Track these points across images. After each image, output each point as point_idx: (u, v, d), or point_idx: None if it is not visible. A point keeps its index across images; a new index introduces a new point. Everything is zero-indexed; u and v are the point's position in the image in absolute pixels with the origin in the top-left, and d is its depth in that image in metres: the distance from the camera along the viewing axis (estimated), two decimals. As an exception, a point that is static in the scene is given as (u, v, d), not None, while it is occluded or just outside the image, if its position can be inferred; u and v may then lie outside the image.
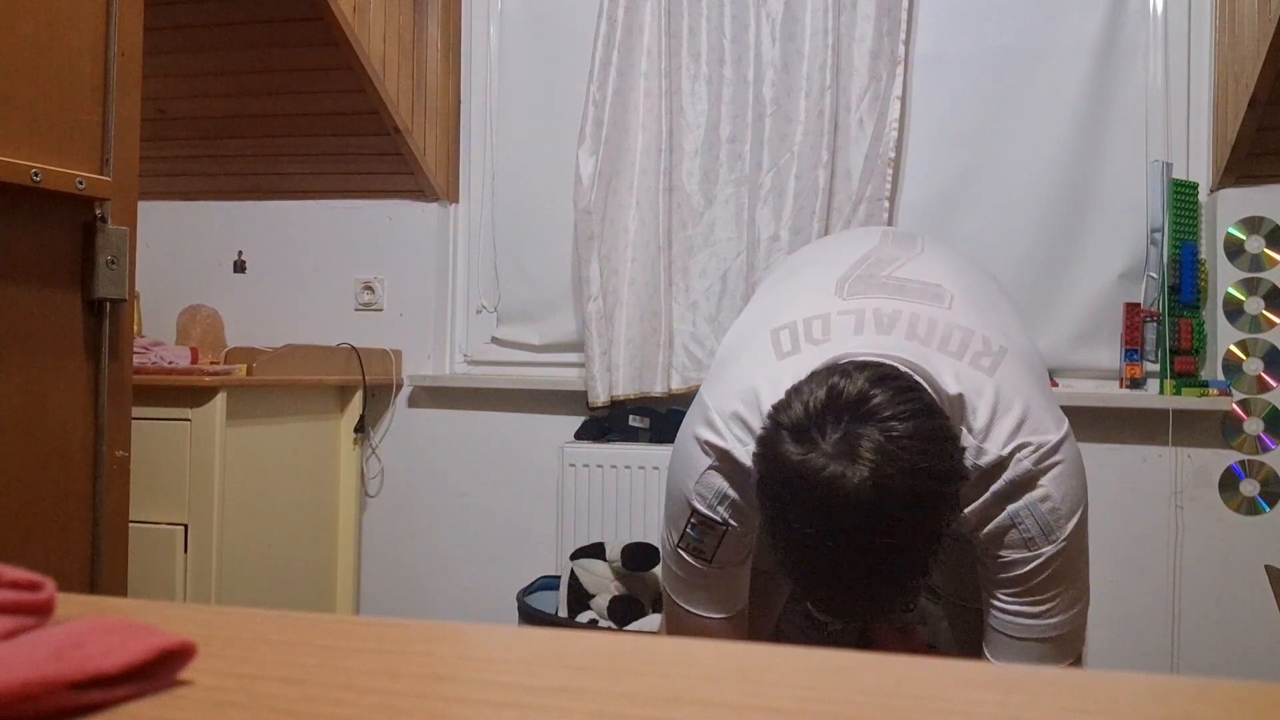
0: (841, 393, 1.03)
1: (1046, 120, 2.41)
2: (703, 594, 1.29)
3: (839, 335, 1.18)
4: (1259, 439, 2.27)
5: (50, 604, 0.41)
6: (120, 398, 1.38)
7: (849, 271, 1.31)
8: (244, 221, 2.89)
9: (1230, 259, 2.28)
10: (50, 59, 1.26)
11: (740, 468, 1.17)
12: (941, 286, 1.26)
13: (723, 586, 1.29)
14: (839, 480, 1.00)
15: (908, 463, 1.00)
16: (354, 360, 2.64)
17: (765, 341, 1.23)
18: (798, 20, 2.45)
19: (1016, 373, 1.17)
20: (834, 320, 1.21)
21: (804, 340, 1.20)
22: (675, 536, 1.25)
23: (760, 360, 1.21)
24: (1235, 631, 2.27)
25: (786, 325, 1.23)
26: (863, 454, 1.00)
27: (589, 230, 2.50)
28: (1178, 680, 0.38)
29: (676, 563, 1.27)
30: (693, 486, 1.21)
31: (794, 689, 0.37)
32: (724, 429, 1.18)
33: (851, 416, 1.02)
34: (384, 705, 0.35)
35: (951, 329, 1.18)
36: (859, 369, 1.06)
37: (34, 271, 1.27)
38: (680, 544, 1.24)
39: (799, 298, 1.30)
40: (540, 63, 2.75)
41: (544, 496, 2.64)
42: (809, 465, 1.01)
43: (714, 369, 1.33)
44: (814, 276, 1.36)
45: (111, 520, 1.37)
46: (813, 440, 1.02)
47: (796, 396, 1.06)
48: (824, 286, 1.29)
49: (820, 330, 1.20)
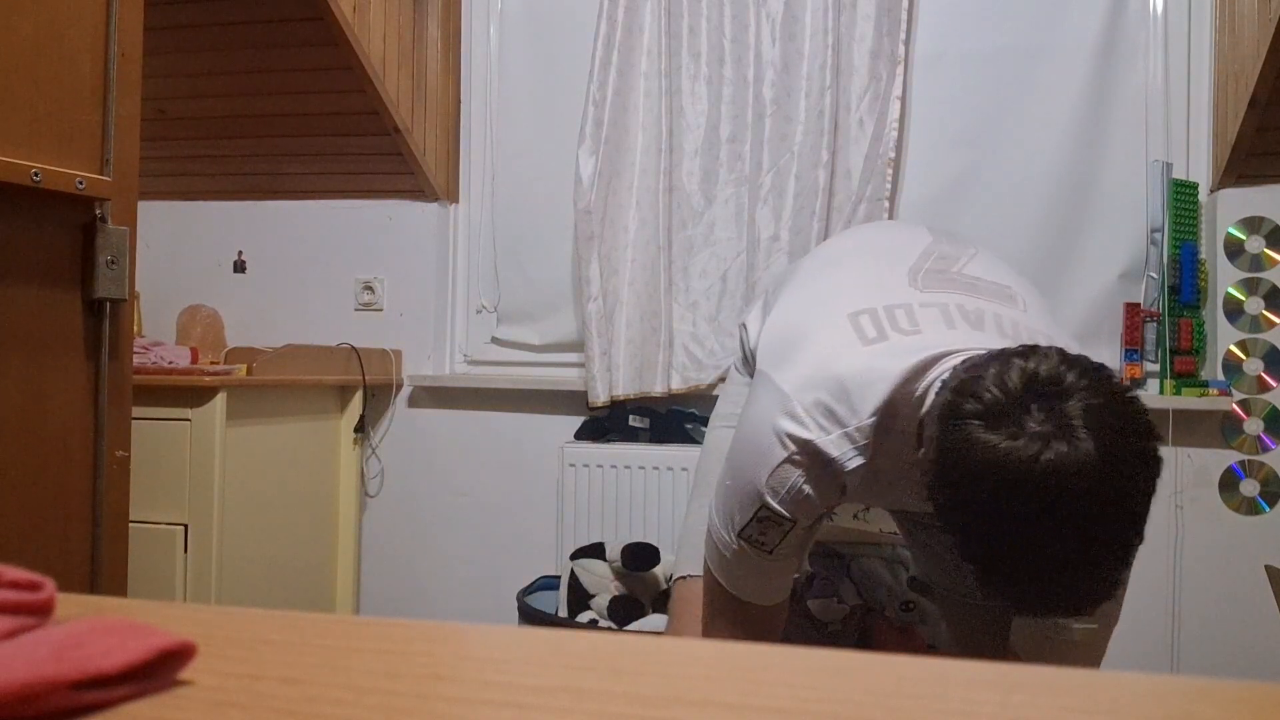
0: (1036, 373, 0.97)
1: (1046, 120, 2.41)
2: (753, 581, 1.25)
3: (930, 328, 1.15)
4: (1259, 439, 2.26)
5: (50, 604, 0.41)
6: (120, 398, 1.38)
7: (918, 263, 1.28)
8: (244, 221, 2.89)
9: (1230, 259, 2.28)
10: (50, 59, 1.26)
11: (822, 457, 1.13)
12: (1011, 288, 1.26)
13: (774, 576, 1.25)
14: (1065, 459, 0.93)
15: (1125, 426, 0.96)
16: (354, 360, 2.64)
17: (844, 326, 1.18)
18: (798, 20, 2.45)
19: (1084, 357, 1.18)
20: (918, 312, 1.17)
21: (890, 329, 1.16)
22: (738, 526, 1.20)
23: (841, 345, 1.16)
24: (1235, 631, 2.27)
25: (865, 310, 1.18)
26: (1078, 428, 0.94)
27: (589, 230, 2.50)
28: (1178, 680, 0.38)
29: (734, 551, 1.22)
30: (765, 479, 1.16)
31: (794, 689, 0.37)
32: (806, 418, 1.13)
33: (1050, 395, 0.96)
34: (384, 705, 0.35)
35: (1035, 334, 1.16)
36: (1034, 351, 1.01)
37: (34, 271, 1.27)
38: (743, 534, 1.20)
39: (868, 283, 1.25)
40: (540, 63, 2.75)
41: (544, 496, 2.64)
42: (1026, 452, 0.94)
43: (777, 349, 1.26)
44: (878, 264, 1.32)
45: (111, 520, 1.37)
46: (1019, 424, 0.95)
47: (980, 383, 0.99)
48: (895, 275, 1.26)
49: (906, 320, 1.16)
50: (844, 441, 1.12)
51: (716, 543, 1.25)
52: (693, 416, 2.53)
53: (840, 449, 1.12)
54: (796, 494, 1.15)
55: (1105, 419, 0.95)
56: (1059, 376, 0.97)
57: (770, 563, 1.21)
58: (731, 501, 1.22)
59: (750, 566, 1.23)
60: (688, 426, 2.51)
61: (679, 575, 1.47)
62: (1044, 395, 0.96)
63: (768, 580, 1.25)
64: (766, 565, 1.22)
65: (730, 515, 1.22)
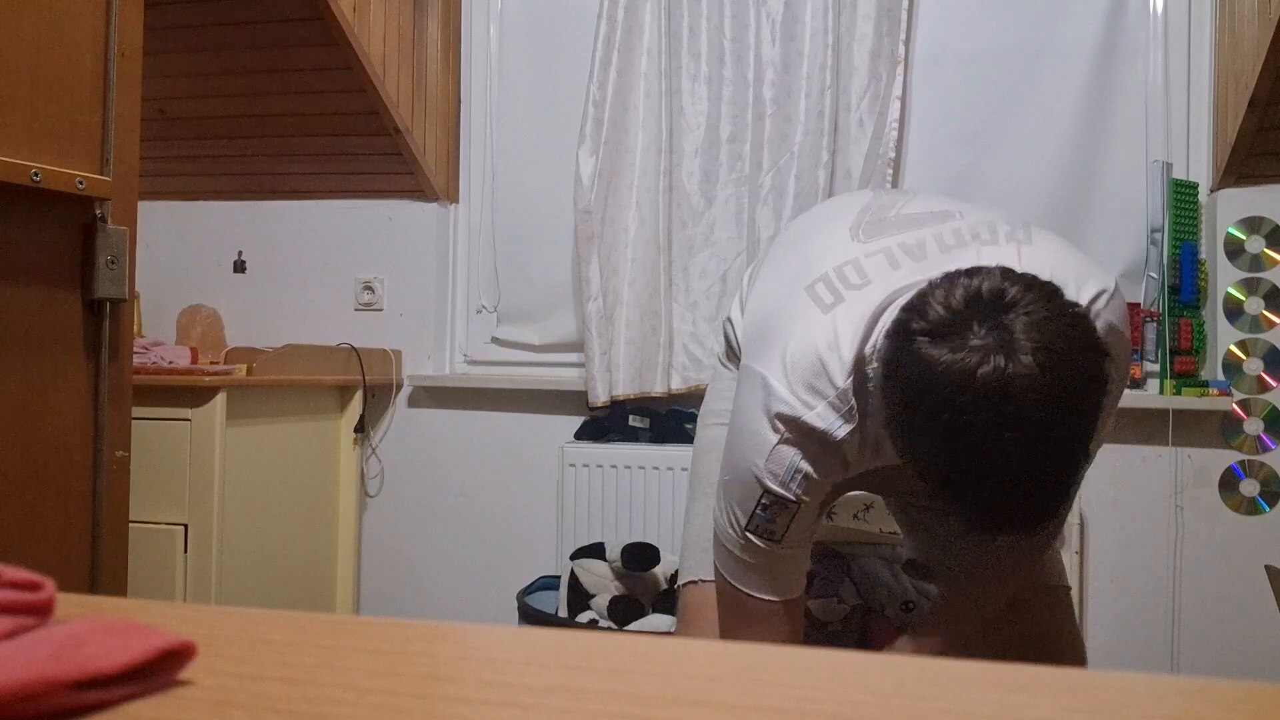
0: (979, 290, 0.99)
1: (1046, 120, 2.41)
2: (767, 577, 1.24)
3: (877, 275, 1.17)
4: (1259, 439, 2.27)
5: (50, 604, 0.41)
6: (120, 398, 1.38)
7: (857, 219, 1.30)
8: (244, 221, 2.89)
9: (1230, 259, 2.28)
10: (50, 59, 1.26)
11: (813, 432, 1.14)
12: (948, 209, 1.29)
13: (786, 567, 1.25)
14: (1004, 372, 0.94)
15: (1067, 339, 0.97)
16: (354, 360, 2.64)
17: (804, 300, 1.19)
18: (798, 20, 2.45)
19: (1049, 236, 1.21)
20: (864, 263, 1.19)
21: (843, 288, 1.17)
22: (743, 519, 1.20)
23: (806, 319, 1.17)
24: (1235, 631, 2.27)
25: (819, 278, 1.20)
26: (1020, 341, 0.95)
27: (589, 230, 2.50)
28: (1178, 680, 0.38)
29: (743, 547, 1.22)
30: (763, 465, 1.16)
31: (794, 689, 0.37)
32: (789, 395, 1.14)
33: (994, 309, 0.97)
34: (384, 705, 0.35)
35: (976, 226, 1.21)
36: (979, 270, 1.02)
37: (34, 271, 1.27)
38: (749, 526, 1.20)
39: (817, 254, 1.26)
40: (540, 63, 2.75)
41: (544, 496, 2.64)
42: (966, 364, 0.95)
43: (752, 339, 1.27)
44: (822, 235, 1.33)
45: (111, 520, 1.37)
46: (962, 339, 0.97)
47: (928, 299, 1.01)
48: (838, 238, 1.27)
49: (855, 275, 1.18)
50: (829, 412, 1.13)
51: (724, 543, 1.25)
52: (693, 416, 2.52)
53: (827, 420, 1.13)
54: (796, 473, 1.16)
55: (1047, 332, 0.96)
56: (1001, 291, 0.98)
57: (782, 551, 1.21)
58: (733, 496, 1.22)
59: (762, 560, 1.23)
60: (688, 426, 2.51)
61: (687, 580, 1.45)
62: (987, 310, 0.97)
63: (781, 573, 1.25)
64: (778, 556, 1.22)
65: (733, 511, 1.22)
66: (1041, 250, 1.16)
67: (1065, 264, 1.14)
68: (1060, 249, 1.19)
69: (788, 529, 1.19)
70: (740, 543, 1.22)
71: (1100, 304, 1.13)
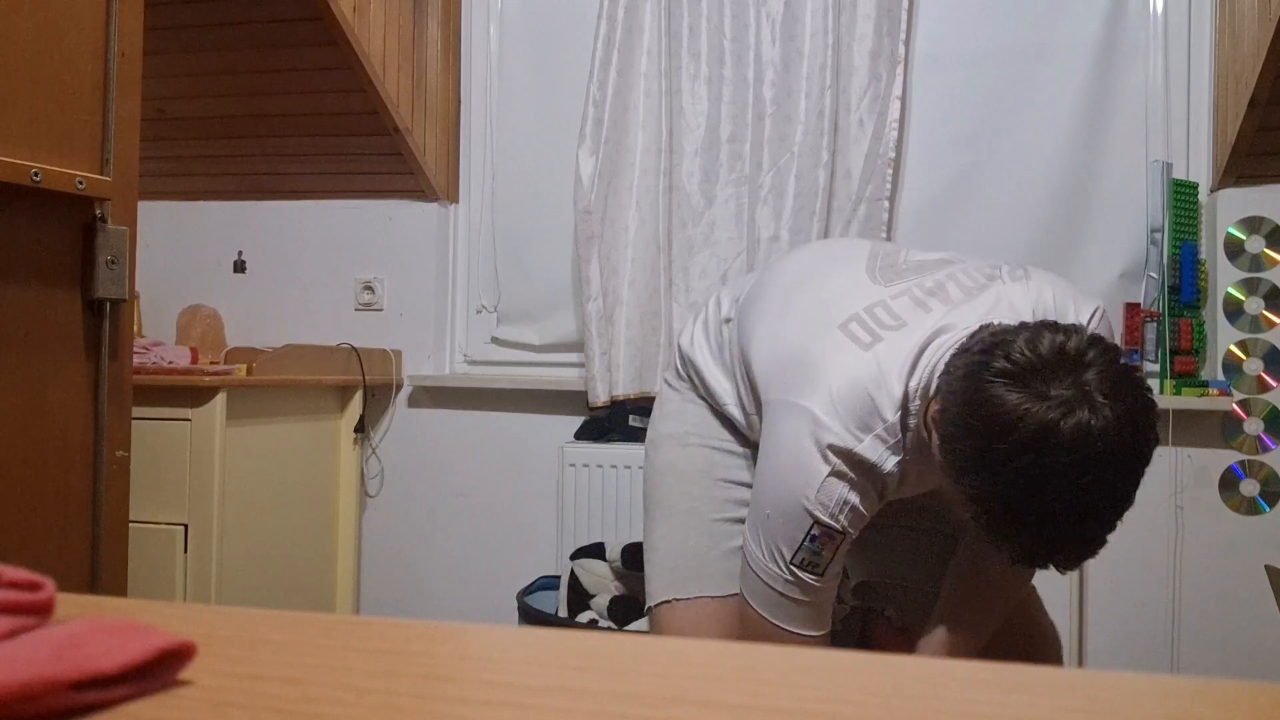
0: (1063, 346, 1.05)
1: (1046, 120, 2.41)
2: (809, 610, 1.26)
3: (909, 316, 1.23)
4: (1259, 439, 2.27)
5: (50, 604, 0.41)
6: (120, 398, 1.38)
7: (870, 263, 1.36)
8: (244, 221, 2.89)
9: (1230, 259, 2.28)
10: (50, 59, 1.26)
11: (864, 464, 1.18)
12: (947, 257, 1.37)
13: (825, 601, 1.28)
14: (1088, 425, 1.01)
15: (1137, 398, 1.05)
16: (354, 360, 2.64)
17: (839, 338, 1.23)
18: (798, 20, 2.45)
19: (1044, 272, 1.31)
20: (891, 304, 1.25)
21: (878, 328, 1.23)
22: (789, 554, 1.22)
23: (847, 356, 1.21)
24: (1235, 631, 2.27)
25: (852, 318, 1.24)
26: (1097, 397, 1.02)
27: (589, 230, 2.50)
28: (1178, 680, 0.38)
29: (788, 583, 1.24)
30: (814, 496, 1.19)
31: (794, 689, 0.37)
32: (841, 430, 1.17)
33: (1076, 365, 1.04)
34: (384, 705, 0.35)
35: (982, 268, 1.31)
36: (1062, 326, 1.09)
37: (34, 271, 1.27)
38: (794, 560, 1.22)
39: (840, 295, 1.30)
40: (540, 63, 2.75)
41: (544, 496, 2.64)
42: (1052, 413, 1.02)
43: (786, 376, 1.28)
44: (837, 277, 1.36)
45: (111, 520, 1.37)
46: (1046, 386, 1.03)
47: (1011, 345, 1.06)
48: (857, 280, 1.32)
49: (887, 316, 1.24)
50: (878, 444, 1.18)
51: (764, 579, 1.26)
52: (693, 416, 2.53)
53: (876, 452, 1.18)
54: (844, 504, 1.19)
55: (1120, 390, 1.04)
56: (1083, 350, 1.05)
57: (821, 585, 1.24)
58: (777, 531, 1.23)
59: (804, 595, 1.25)
60: (688, 426, 2.51)
61: (659, 601, 1.46)
62: (1071, 365, 1.04)
63: (819, 606, 1.27)
64: (818, 590, 1.25)
65: (776, 546, 1.23)
66: (1041, 283, 1.27)
67: (1063, 292, 1.26)
68: (1054, 280, 1.30)
69: (830, 561, 1.22)
70: (786, 579, 1.23)
71: (1094, 321, 1.24)
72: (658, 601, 1.47)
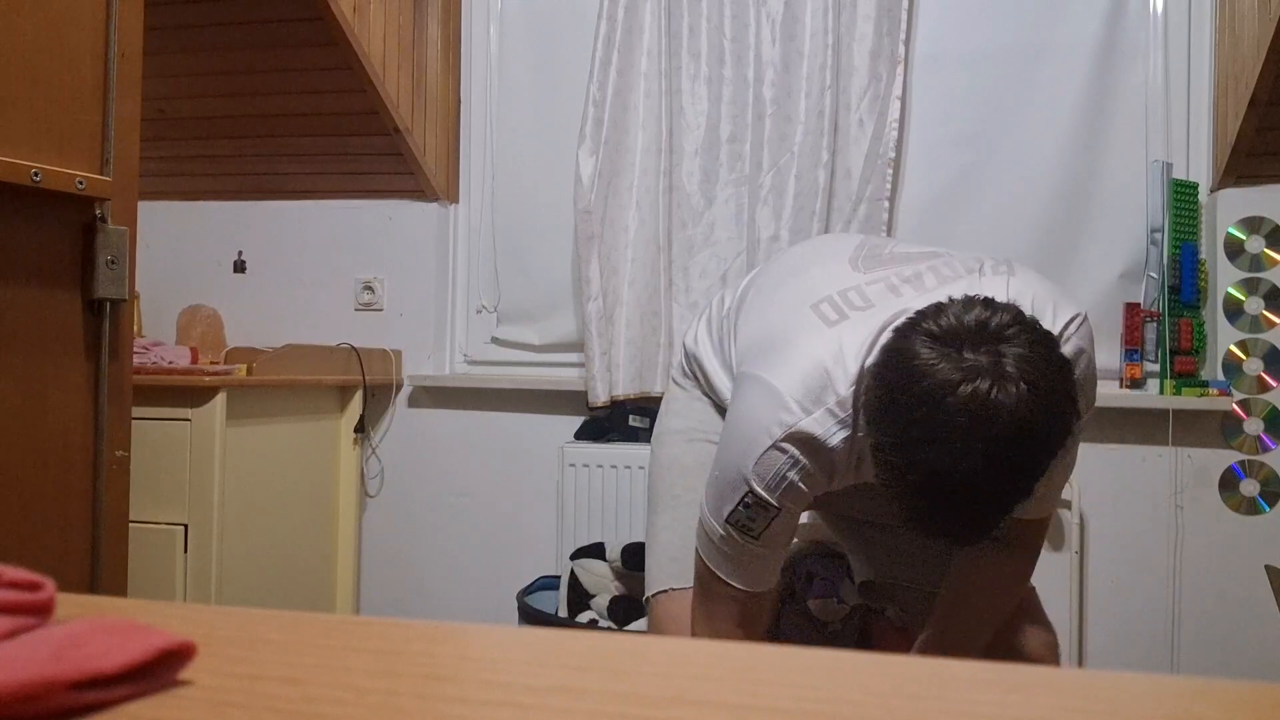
0: (987, 319, 1.07)
1: (1046, 120, 2.41)
2: (738, 567, 1.30)
3: (880, 300, 1.25)
4: (1259, 439, 2.27)
5: (50, 604, 0.41)
6: (120, 398, 1.38)
7: (855, 254, 1.38)
8: (244, 221, 2.89)
9: (1230, 259, 2.28)
10: (50, 59, 1.26)
11: (809, 440, 1.18)
12: (935, 250, 1.38)
13: (760, 563, 1.30)
14: (984, 397, 1.02)
15: (1049, 384, 1.05)
16: (354, 360, 2.64)
17: (809, 316, 1.26)
18: (798, 20, 2.45)
19: (1029, 270, 1.30)
20: (866, 289, 1.27)
21: (847, 308, 1.25)
22: (725, 510, 1.26)
23: (811, 332, 1.24)
24: (1235, 631, 2.27)
25: (824, 299, 1.27)
26: (1010, 371, 1.03)
27: (589, 230, 2.50)
28: (1178, 680, 0.38)
29: (720, 537, 1.28)
30: (751, 466, 1.21)
31: (794, 689, 0.37)
32: (792, 404, 1.19)
33: (997, 339, 1.06)
34: (384, 705, 0.35)
35: (966, 260, 1.31)
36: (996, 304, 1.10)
37: (34, 271, 1.27)
38: (729, 519, 1.25)
39: (818, 280, 1.34)
40: (540, 63, 2.75)
41: (544, 496, 2.64)
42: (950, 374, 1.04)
43: (753, 350, 1.33)
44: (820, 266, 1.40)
45: (111, 520, 1.37)
46: (959, 351, 1.05)
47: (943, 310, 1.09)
48: (838, 268, 1.35)
49: (859, 299, 1.26)
50: (827, 418, 1.18)
51: (706, 529, 1.31)
52: (693, 416, 2.53)
53: (824, 426, 1.18)
54: (781, 481, 1.21)
55: (1034, 372, 1.04)
56: (1006, 325, 1.07)
57: (757, 548, 1.27)
58: (720, 489, 1.27)
59: (735, 552, 1.28)
60: (688, 426, 2.51)
61: (656, 590, 1.49)
62: (990, 337, 1.06)
63: (751, 567, 1.30)
64: (752, 552, 1.27)
65: (719, 500, 1.28)
66: (1024, 281, 1.26)
67: (1045, 293, 1.25)
68: (1039, 281, 1.28)
69: (765, 530, 1.24)
70: (719, 532, 1.28)
71: (1072, 328, 1.23)
72: (655, 590, 1.49)
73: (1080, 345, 1.22)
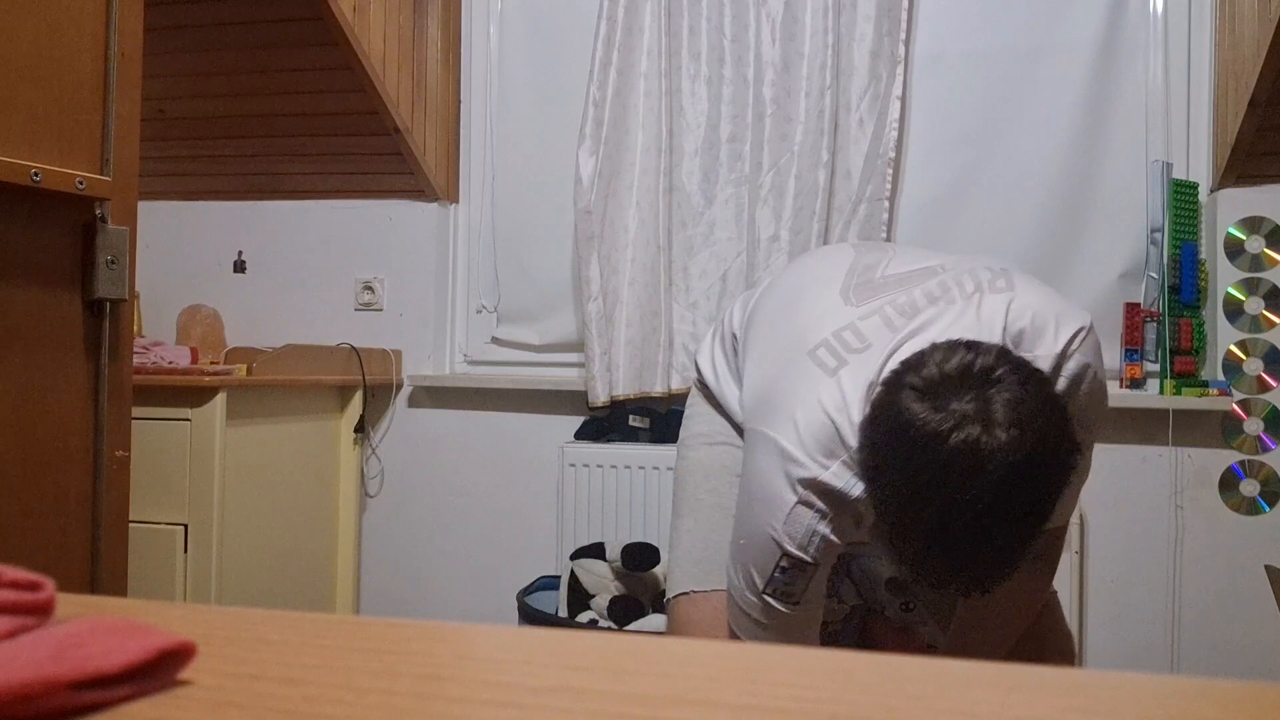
0: (971, 364, 1.05)
1: (1046, 120, 2.41)
2: (784, 638, 1.27)
3: (875, 337, 1.21)
4: (1259, 439, 2.26)
5: (50, 604, 0.41)
6: (120, 398, 1.38)
7: (845, 282, 1.33)
8: (244, 221, 2.89)
9: (1230, 259, 2.28)
10: (50, 59, 1.26)
11: (831, 492, 1.16)
12: (930, 265, 1.33)
13: (803, 628, 1.28)
14: (976, 444, 1.01)
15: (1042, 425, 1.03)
16: (354, 360, 2.64)
17: (808, 365, 1.23)
18: (798, 20, 2.45)
19: (1026, 281, 1.25)
20: (861, 326, 1.23)
21: (845, 352, 1.21)
22: (760, 582, 1.22)
23: (812, 383, 1.21)
24: (1235, 631, 2.27)
25: (820, 344, 1.23)
26: (998, 417, 1.02)
27: (589, 230, 2.50)
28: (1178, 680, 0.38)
29: (761, 610, 1.24)
30: (780, 527, 1.18)
31: (794, 689, 0.37)
32: (805, 459, 1.17)
33: (982, 383, 1.04)
34: (384, 705, 0.35)
35: (960, 276, 1.25)
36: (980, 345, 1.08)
37: (34, 271, 1.27)
38: (767, 589, 1.22)
39: (812, 320, 1.30)
40: (540, 63, 2.75)
41: (544, 496, 2.64)
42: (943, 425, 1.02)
43: (757, 405, 1.30)
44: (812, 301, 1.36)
45: (111, 520, 1.37)
46: (945, 401, 1.04)
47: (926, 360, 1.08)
48: (830, 303, 1.30)
49: (855, 339, 1.22)
50: (844, 471, 1.16)
51: (741, 605, 1.27)
52: (693, 416, 2.53)
53: (843, 479, 1.16)
54: (813, 536, 1.18)
55: (1024, 416, 1.02)
56: (992, 368, 1.05)
57: (799, 612, 1.24)
58: (749, 559, 1.24)
59: (780, 622, 1.25)
60: (688, 426, 2.51)
61: (677, 593, 1.46)
62: (975, 382, 1.04)
63: (798, 633, 1.27)
64: (795, 618, 1.24)
65: (749, 574, 1.24)
66: (1024, 301, 1.21)
67: (1046, 309, 1.21)
68: (1040, 292, 1.24)
69: (805, 590, 1.22)
70: (759, 605, 1.24)
71: (1076, 343, 1.19)
72: (676, 593, 1.46)
73: (1085, 360, 1.20)
